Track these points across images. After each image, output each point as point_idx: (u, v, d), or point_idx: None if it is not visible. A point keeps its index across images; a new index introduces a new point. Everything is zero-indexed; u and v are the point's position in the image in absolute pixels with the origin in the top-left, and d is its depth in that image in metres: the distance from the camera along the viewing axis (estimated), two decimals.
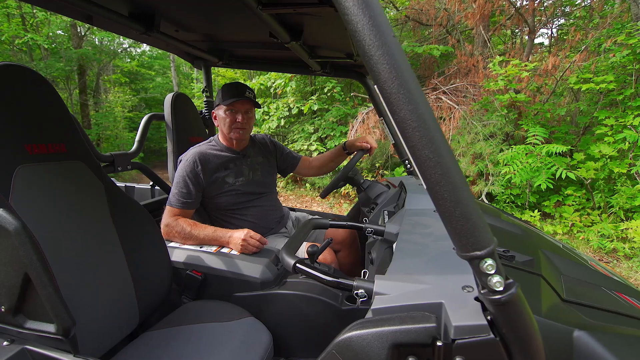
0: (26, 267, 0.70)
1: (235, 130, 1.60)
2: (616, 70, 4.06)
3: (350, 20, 0.45)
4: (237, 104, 1.57)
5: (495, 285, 0.48)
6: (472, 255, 0.47)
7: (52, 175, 1.00)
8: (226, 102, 1.55)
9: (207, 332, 1.14)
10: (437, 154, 0.45)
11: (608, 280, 1.02)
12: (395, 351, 0.53)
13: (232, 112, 1.58)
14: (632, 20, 3.95)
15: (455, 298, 0.56)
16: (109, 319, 1.05)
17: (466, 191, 0.47)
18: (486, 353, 0.51)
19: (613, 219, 3.70)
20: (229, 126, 1.59)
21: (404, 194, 1.32)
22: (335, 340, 0.56)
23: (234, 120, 1.58)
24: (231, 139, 1.63)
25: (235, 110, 1.58)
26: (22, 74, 0.97)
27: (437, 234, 0.83)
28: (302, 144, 6.46)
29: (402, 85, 0.45)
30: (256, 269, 1.29)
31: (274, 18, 1.09)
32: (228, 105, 1.56)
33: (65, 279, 0.89)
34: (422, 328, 0.52)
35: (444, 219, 0.48)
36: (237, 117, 1.58)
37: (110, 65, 13.44)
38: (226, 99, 1.56)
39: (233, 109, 1.58)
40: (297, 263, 0.71)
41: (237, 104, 1.57)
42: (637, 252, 3.21)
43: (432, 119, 0.46)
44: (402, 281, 0.61)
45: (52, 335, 0.74)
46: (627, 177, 3.76)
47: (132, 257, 1.16)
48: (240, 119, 1.58)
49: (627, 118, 3.66)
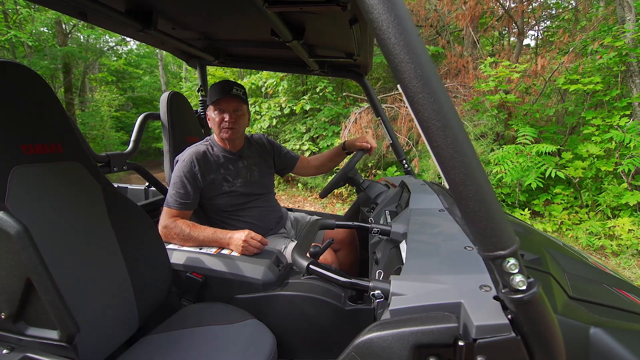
0: (28, 271, 0.67)
1: (224, 130, 1.54)
2: (602, 71, 4.16)
3: (375, 19, 0.44)
4: (222, 102, 1.51)
5: (518, 285, 0.48)
6: (496, 255, 0.47)
7: (49, 177, 0.97)
8: (212, 100, 1.52)
9: (210, 335, 1.12)
10: (461, 153, 0.45)
11: (608, 277, 1.04)
12: (416, 352, 0.52)
13: (220, 111, 1.53)
14: (618, 23, 4.05)
15: (474, 297, 0.56)
16: (108, 324, 1.02)
17: (490, 191, 0.47)
18: (507, 352, 0.51)
19: (600, 216, 3.80)
20: (218, 126, 1.54)
21: (406, 194, 1.33)
22: (355, 342, 0.55)
23: (222, 120, 1.53)
24: (223, 139, 1.59)
25: (223, 109, 1.53)
26: (17, 71, 0.93)
27: (446, 234, 0.84)
28: (295, 143, 6.44)
29: (426, 84, 0.44)
30: (258, 270, 1.28)
31: (277, 16, 1.07)
32: (214, 104, 1.52)
33: (63, 283, 0.87)
34: (444, 328, 0.52)
35: (467, 218, 0.48)
36: (224, 116, 1.52)
37: (97, 64, 13.17)
38: (212, 98, 1.52)
39: (221, 108, 1.53)
40: (311, 264, 0.70)
41: (222, 102, 1.51)
42: (624, 249, 3.30)
43: (457, 119, 0.46)
44: (419, 281, 0.61)
45: (55, 342, 0.71)
46: (614, 176, 3.86)
47: (131, 260, 1.13)
48: (227, 118, 1.52)
49: (613, 118, 3.76)
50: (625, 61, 3.85)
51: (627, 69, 3.92)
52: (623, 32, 3.75)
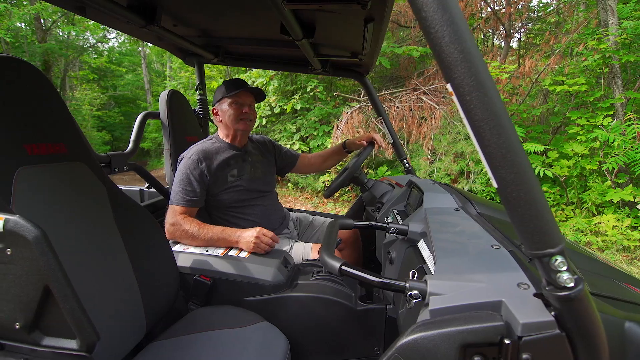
0: (47, 278, 0.63)
1: (241, 122, 1.58)
2: (586, 73, 4.30)
3: (427, 17, 0.44)
4: (241, 95, 1.56)
5: (566, 282, 0.48)
6: (544, 253, 0.48)
7: (54, 178, 0.92)
8: (231, 93, 1.54)
9: (221, 339, 1.09)
10: (513, 153, 0.45)
11: (614, 271, 1.07)
12: (462, 351, 0.52)
13: (238, 104, 1.57)
14: (601, 26, 4.20)
15: (514, 295, 0.56)
16: (116, 331, 0.98)
17: (540, 190, 0.47)
18: (552, 349, 0.51)
19: (585, 213, 3.92)
20: (235, 117, 1.57)
21: (416, 193, 1.33)
22: (398, 344, 0.54)
23: (240, 112, 1.57)
24: (236, 130, 1.60)
25: (241, 102, 1.57)
26: (20, 68, 0.89)
27: (469, 232, 0.84)
28: (285, 143, 6.41)
29: (480, 83, 0.44)
30: (267, 271, 1.26)
31: (292, 14, 1.06)
32: (233, 96, 1.55)
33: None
34: (491, 327, 0.52)
35: (516, 217, 0.48)
36: (243, 108, 1.57)
37: (77, 61, 12.75)
38: (229, 91, 1.54)
39: (239, 101, 1.57)
40: (343, 265, 0.69)
41: (241, 95, 1.56)
42: (609, 245, 3.42)
43: (508, 119, 0.45)
44: (455, 280, 0.61)
45: (74, 352, 0.68)
46: (598, 174, 3.99)
47: (138, 263, 1.09)
48: (247, 110, 1.58)
49: (597, 118, 3.89)
50: (608, 63, 3.98)
51: (609, 71, 4.07)
52: (606, 34, 3.88)
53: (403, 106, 5.56)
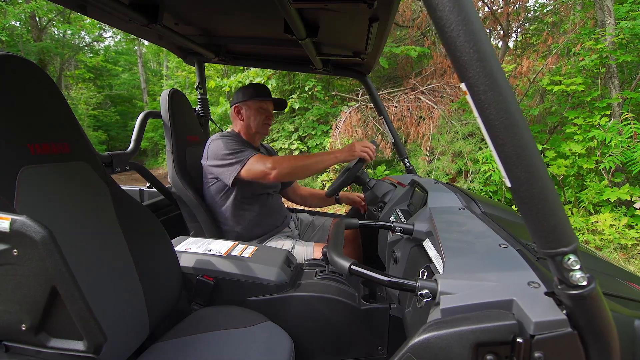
0: (54, 279, 0.63)
1: (265, 126, 1.73)
2: (584, 72, 4.33)
3: (442, 17, 0.44)
4: (269, 103, 1.72)
5: (579, 281, 0.48)
6: (557, 252, 0.48)
7: (57, 178, 0.91)
8: (262, 98, 1.67)
9: (225, 340, 1.09)
10: (527, 152, 0.45)
11: (617, 269, 1.08)
12: (475, 350, 0.52)
13: (267, 111, 1.71)
14: (598, 27, 4.23)
15: (525, 294, 0.56)
16: (120, 332, 0.97)
17: (553, 189, 0.47)
18: (564, 347, 0.51)
19: (583, 212, 3.95)
20: (261, 122, 1.70)
21: (419, 192, 1.33)
22: (410, 343, 0.54)
23: (267, 117, 1.71)
24: (258, 133, 1.73)
25: (269, 109, 1.73)
26: (23, 66, 0.88)
27: (476, 232, 0.84)
28: (283, 142, 6.40)
29: (494, 83, 0.44)
30: (271, 271, 1.25)
31: (297, 12, 1.05)
32: (263, 102, 1.68)
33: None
34: (503, 326, 0.52)
35: (529, 216, 0.48)
36: (268, 115, 1.72)
37: (73, 60, 12.65)
38: (263, 96, 1.67)
39: (267, 108, 1.71)
40: (352, 265, 0.69)
41: (269, 103, 1.72)
42: (606, 244, 3.44)
43: (522, 117, 0.46)
44: (465, 279, 0.61)
45: (81, 354, 0.67)
46: (595, 173, 4.02)
47: (142, 264, 1.08)
48: (270, 117, 1.73)
49: (594, 118, 3.91)
50: (605, 63, 4.01)
51: (607, 71, 4.10)
52: (604, 35, 3.91)
53: (401, 106, 5.57)
